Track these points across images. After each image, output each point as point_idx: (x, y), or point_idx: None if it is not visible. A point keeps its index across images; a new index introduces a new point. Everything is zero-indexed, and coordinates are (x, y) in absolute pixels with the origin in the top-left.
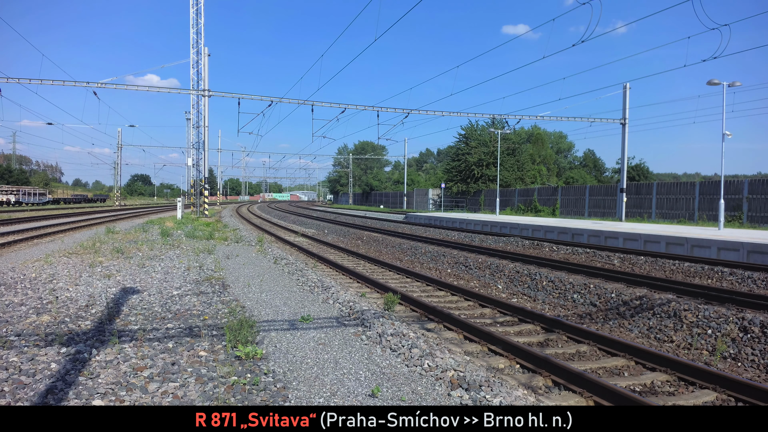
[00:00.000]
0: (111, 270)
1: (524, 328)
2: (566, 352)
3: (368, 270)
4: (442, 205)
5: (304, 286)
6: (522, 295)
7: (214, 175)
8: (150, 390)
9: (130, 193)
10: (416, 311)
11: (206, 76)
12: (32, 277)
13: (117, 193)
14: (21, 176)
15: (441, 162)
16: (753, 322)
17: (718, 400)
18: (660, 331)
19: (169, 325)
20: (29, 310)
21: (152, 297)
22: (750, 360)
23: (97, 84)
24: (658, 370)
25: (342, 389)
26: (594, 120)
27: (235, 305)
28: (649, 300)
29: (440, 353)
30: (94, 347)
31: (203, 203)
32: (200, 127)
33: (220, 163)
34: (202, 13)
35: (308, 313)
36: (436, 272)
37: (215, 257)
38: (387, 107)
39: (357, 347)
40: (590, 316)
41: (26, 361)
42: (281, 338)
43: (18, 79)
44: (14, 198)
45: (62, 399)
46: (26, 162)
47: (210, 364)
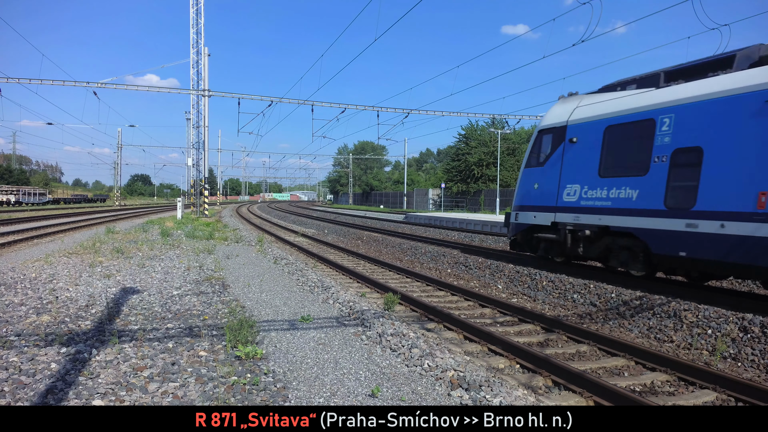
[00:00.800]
0: (111, 270)
1: (524, 328)
2: (566, 352)
3: (368, 270)
4: (442, 205)
5: (304, 286)
6: (522, 295)
7: (214, 175)
8: (150, 390)
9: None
10: (416, 311)
11: (206, 76)
12: (32, 277)
13: (117, 193)
14: (21, 176)
15: (441, 162)
16: (753, 322)
17: (718, 400)
18: (660, 331)
19: (169, 325)
20: (29, 310)
21: (152, 297)
22: (750, 360)
23: (97, 84)
24: (658, 370)
25: (342, 389)
26: None
27: (235, 305)
28: (649, 300)
29: (440, 353)
30: (94, 347)
31: (203, 203)
32: (200, 127)
33: (220, 163)
34: (202, 13)
35: (308, 313)
36: (436, 272)
37: (215, 257)
38: (387, 107)
39: (357, 347)
40: (590, 316)
41: (26, 361)
42: (281, 338)
43: (18, 79)
44: (14, 198)
45: (62, 399)
46: (26, 162)
47: (210, 364)
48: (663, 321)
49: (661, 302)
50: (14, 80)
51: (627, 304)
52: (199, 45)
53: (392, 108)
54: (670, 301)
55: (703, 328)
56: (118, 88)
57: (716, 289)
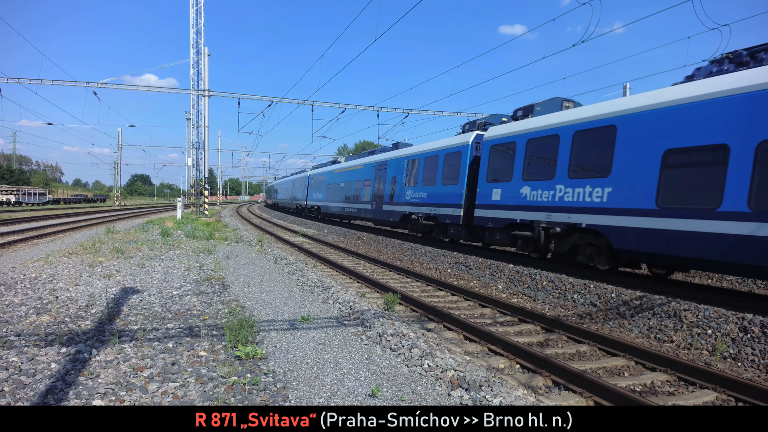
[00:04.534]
0: (111, 270)
1: (524, 328)
2: (566, 352)
3: (368, 270)
4: None
5: (304, 286)
6: (522, 295)
7: (214, 175)
8: (150, 390)
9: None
10: (416, 311)
11: (206, 76)
12: (32, 277)
13: (117, 193)
14: (21, 176)
15: None
16: (753, 322)
17: (718, 400)
18: (660, 331)
19: (169, 325)
20: (29, 310)
21: (152, 297)
22: (750, 360)
23: (97, 84)
24: (658, 370)
25: (342, 389)
26: None
27: (235, 305)
28: (649, 300)
29: (440, 353)
30: (94, 347)
31: (203, 203)
32: (200, 127)
33: (220, 163)
34: (202, 13)
35: (308, 313)
36: (436, 272)
37: (215, 257)
38: (387, 107)
39: (357, 347)
40: (590, 316)
41: (26, 361)
42: (281, 338)
43: (18, 79)
44: (14, 198)
45: (62, 399)
46: (26, 162)
47: (210, 364)
48: (663, 321)
49: (661, 302)
50: (14, 80)
51: (627, 304)
52: (199, 45)
53: (392, 108)
54: (670, 301)
55: (703, 328)
56: (119, 88)
57: (716, 289)
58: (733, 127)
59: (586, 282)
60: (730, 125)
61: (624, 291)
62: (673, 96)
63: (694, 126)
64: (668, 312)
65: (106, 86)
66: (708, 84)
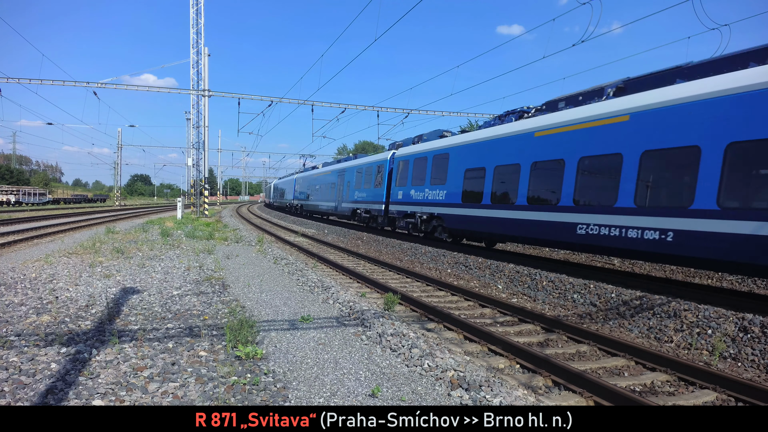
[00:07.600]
0: (111, 270)
1: (524, 328)
2: (566, 352)
3: (368, 270)
4: None
5: (304, 286)
6: (522, 295)
7: (214, 175)
8: (150, 390)
9: (130, 193)
10: (416, 311)
11: (206, 76)
12: (32, 277)
13: (117, 193)
14: (21, 176)
15: None
16: (753, 322)
17: (718, 400)
18: (660, 331)
19: (169, 325)
20: (29, 310)
21: (152, 297)
22: (750, 360)
23: (97, 84)
24: (658, 370)
25: (342, 389)
26: None
27: (235, 305)
28: (649, 300)
29: (440, 353)
30: (94, 347)
31: (203, 203)
32: (200, 127)
33: (220, 163)
34: (202, 13)
35: (308, 313)
36: (436, 272)
37: (215, 257)
38: (387, 107)
39: (357, 347)
40: (590, 316)
41: (26, 361)
42: (281, 338)
43: (18, 79)
44: (14, 198)
45: (62, 399)
46: (26, 162)
47: (210, 364)
48: (663, 321)
49: (661, 302)
50: (14, 80)
51: (627, 304)
52: (199, 45)
53: (392, 108)
54: (670, 301)
55: (703, 328)
56: (119, 88)
57: (716, 289)
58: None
59: (586, 282)
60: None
61: (624, 291)
62: (470, 138)
63: (474, 155)
64: (668, 312)
65: (106, 86)
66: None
